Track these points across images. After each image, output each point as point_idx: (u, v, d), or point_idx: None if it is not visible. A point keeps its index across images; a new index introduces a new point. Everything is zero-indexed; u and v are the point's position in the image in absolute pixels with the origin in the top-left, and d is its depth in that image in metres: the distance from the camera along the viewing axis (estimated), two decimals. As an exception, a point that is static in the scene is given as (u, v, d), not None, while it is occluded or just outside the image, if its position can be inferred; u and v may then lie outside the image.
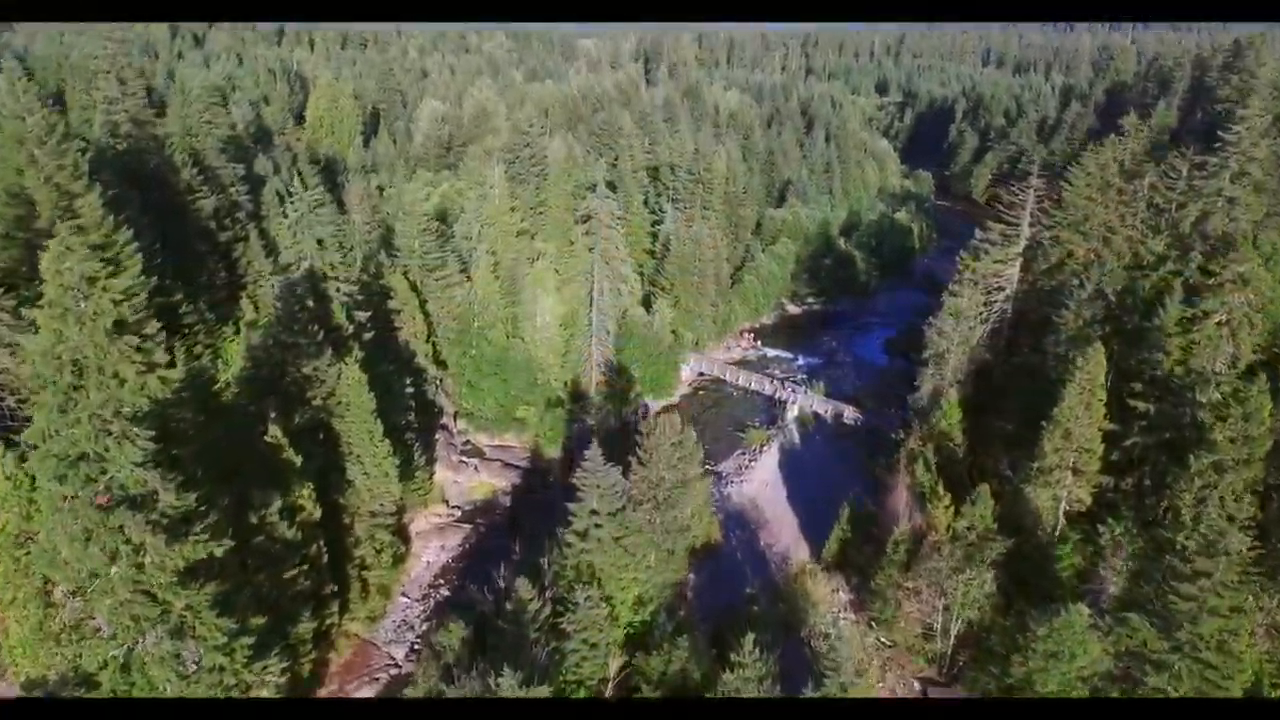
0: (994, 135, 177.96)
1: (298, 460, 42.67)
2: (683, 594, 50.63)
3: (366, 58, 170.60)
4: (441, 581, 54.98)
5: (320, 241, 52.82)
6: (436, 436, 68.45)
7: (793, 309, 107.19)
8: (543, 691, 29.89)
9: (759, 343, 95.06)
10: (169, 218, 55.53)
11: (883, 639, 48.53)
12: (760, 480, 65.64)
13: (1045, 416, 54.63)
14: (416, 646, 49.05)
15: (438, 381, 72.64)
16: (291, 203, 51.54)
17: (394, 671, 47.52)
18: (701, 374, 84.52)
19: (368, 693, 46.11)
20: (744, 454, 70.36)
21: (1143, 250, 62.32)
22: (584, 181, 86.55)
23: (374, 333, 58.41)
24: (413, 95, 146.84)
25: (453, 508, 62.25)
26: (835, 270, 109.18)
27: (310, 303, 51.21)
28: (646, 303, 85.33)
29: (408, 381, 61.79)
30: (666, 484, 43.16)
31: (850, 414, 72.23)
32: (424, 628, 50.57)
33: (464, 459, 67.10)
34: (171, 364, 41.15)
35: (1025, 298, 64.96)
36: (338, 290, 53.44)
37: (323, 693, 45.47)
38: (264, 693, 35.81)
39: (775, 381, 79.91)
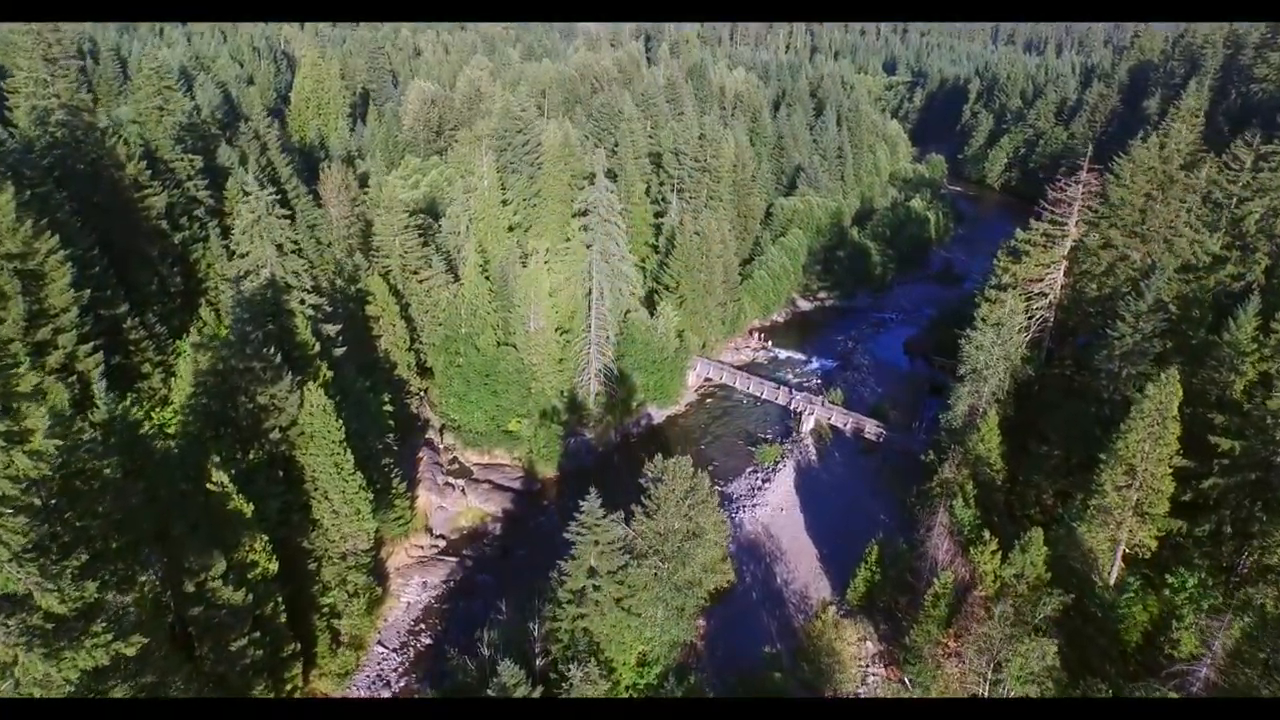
0: (1010, 117, 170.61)
1: (248, 509, 36.73)
2: (693, 646, 45.03)
3: (357, 35, 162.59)
4: (423, 626, 49.23)
5: (280, 247, 46.47)
6: (420, 454, 62.60)
7: (804, 304, 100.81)
8: None
9: (769, 343, 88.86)
10: (112, 218, 49.24)
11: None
12: (775, 505, 59.80)
13: (1096, 442, 48.95)
14: (392, 707, 43.40)
15: (421, 393, 66.68)
16: (246, 202, 45.21)
17: (366, 738, 41.83)
18: (708, 379, 78.45)
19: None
20: (756, 473, 64.44)
21: (1198, 251, 56.19)
22: (581, 171, 80.00)
23: (346, 347, 52.38)
24: (404, 74, 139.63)
25: (436, 537, 56.42)
26: (849, 263, 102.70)
27: (269, 319, 45.17)
28: (649, 302, 79.16)
29: (386, 399, 55.80)
30: (677, 535, 37.27)
31: (872, 429, 66.22)
32: (401, 685, 44.96)
33: (450, 480, 61.13)
34: (91, 405, 35.43)
35: (1069, 306, 58.83)
36: (302, 302, 47.23)
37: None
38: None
39: (789, 390, 73.75)
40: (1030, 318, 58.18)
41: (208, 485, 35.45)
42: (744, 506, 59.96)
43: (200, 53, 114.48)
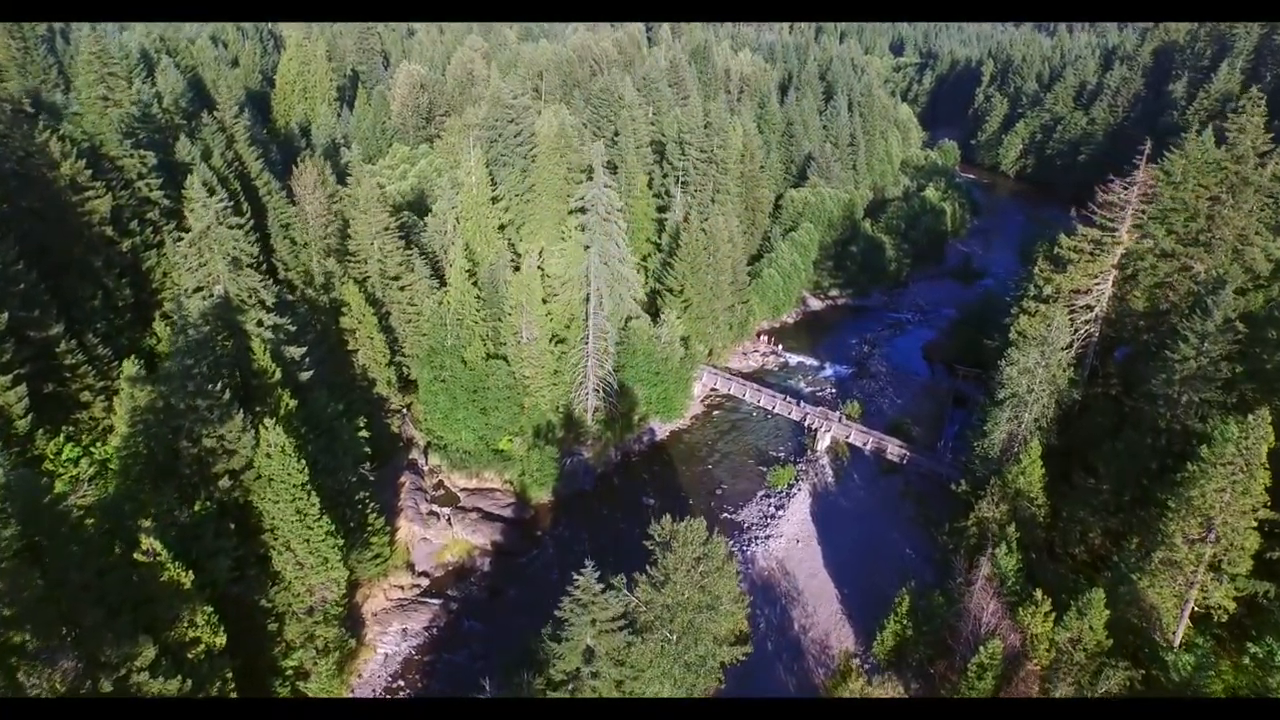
0: (1025, 101, 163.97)
1: (187, 578, 31.47)
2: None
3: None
4: (402, 683, 44.10)
5: (236, 260, 40.85)
6: (401, 479, 57.34)
7: (815, 303, 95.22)
8: None
9: (779, 346, 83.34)
10: (46, 225, 43.58)
11: (959, 780, 37.84)
12: (790, 536, 54.65)
13: (1153, 477, 43.84)
14: (364, 784, 38.42)
15: (403, 410, 61.27)
16: (194, 210, 39.56)
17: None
18: (714, 390, 73.02)
19: None
20: (768, 497, 59.19)
21: (1259, 258, 50.66)
22: (578, 163, 74.11)
23: (314, 369, 46.92)
24: (396, 55, 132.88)
25: (418, 575, 51.23)
26: (862, 258, 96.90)
27: (226, 339, 39.76)
28: (652, 306, 73.52)
29: (362, 422, 50.39)
30: (688, 608, 32.05)
31: (894, 448, 60.89)
32: (374, 756, 39.89)
33: (434, 509, 55.84)
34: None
35: (1116, 319, 53.36)
36: (260, 324, 41.66)
37: None
38: None
39: (801, 403, 68.32)
40: (1074, 332, 52.71)
41: (136, 555, 30.19)
42: (756, 538, 54.81)
43: (176, 33, 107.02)
